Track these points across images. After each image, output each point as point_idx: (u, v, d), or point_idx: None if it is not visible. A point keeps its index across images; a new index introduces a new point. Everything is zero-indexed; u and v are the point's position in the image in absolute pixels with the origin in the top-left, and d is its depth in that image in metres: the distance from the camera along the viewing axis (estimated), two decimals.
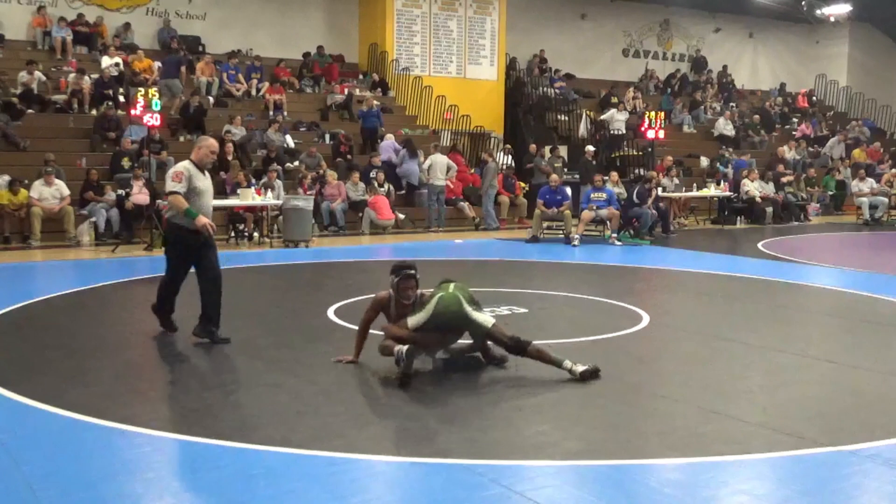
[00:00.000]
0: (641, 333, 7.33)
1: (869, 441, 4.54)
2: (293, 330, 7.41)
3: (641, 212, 15.47)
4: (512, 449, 4.47)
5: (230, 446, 4.40)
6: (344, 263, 12.24)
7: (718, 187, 18.90)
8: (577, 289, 9.64)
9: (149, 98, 14.38)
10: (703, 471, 4.20)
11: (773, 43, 28.81)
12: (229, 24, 20.35)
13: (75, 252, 12.78)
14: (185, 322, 7.07)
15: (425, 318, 5.74)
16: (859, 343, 7.16)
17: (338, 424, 4.78)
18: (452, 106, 20.24)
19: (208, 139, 7.14)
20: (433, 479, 4.08)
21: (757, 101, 27.00)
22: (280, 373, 5.87)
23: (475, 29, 21.95)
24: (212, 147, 6.97)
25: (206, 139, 7.14)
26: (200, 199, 6.73)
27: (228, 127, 16.65)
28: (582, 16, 25.18)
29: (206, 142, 7.04)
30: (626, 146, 20.12)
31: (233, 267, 11.39)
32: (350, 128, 18.51)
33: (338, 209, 15.51)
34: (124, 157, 14.77)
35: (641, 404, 5.36)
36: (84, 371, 5.99)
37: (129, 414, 4.95)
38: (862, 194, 19.55)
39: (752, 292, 9.82)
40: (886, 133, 27.00)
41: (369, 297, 8.60)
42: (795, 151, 22.99)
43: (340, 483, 3.98)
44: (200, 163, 6.88)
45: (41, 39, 18.02)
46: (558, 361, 5.70)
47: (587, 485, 4.01)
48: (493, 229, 16.74)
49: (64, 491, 3.84)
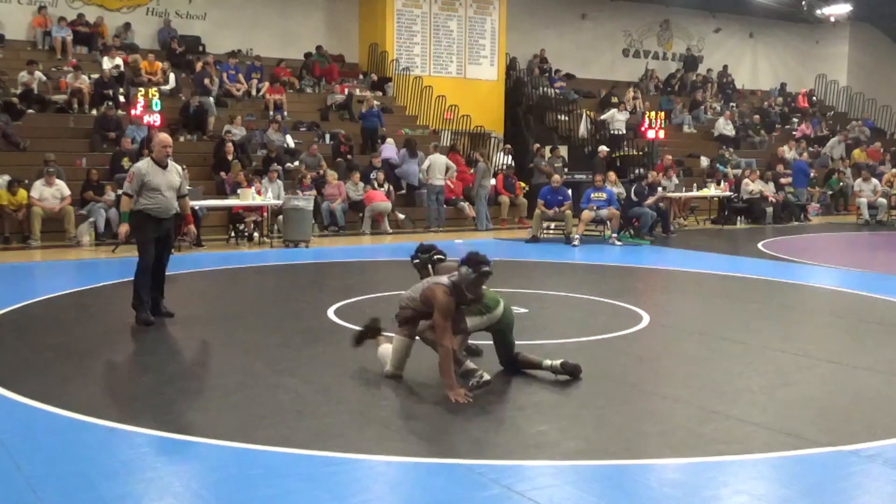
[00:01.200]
0: (641, 333, 7.33)
1: (869, 441, 4.54)
2: (293, 330, 7.41)
3: (641, 212, 15.47)
4: (512, 449, 4.47)
5: (230, 446, 4.40)
6: (344, 263, 12.24)
7: (718, 187, 18.91)
8: (577, 289, 9.64)
9: (149, 98, 14.37)
10: (703, 471, 4.19)
11: (773, 43, 28.81)
12: (229, 24, 20.34)
13: (75, 252, 12.78)
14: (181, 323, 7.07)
15: (487, 324, 5.68)
16: (860, 343, 7.16)
17: (338, 424, 4.78)
18: (452, 106, 20.24)
19: (159, 135, 7.58)
20: (433, 479, 4.08)
21: (757, 101, 27.01)
22: (280, 373, 5.86)
23: (475, 29, 21.95)
24: (162, 143, 7.30)
25: (157, 135, 7.61)
26: (157, 194, 7.10)
27: (228, 127, 16.66)
28: (582, 16, 25.19)
29: (157, 138, 7.45)
30: (627, 146, 20.13)
31: (233, 267, 11.41)
32: (350, 128, 18.51)
33: (338, 209, 15.52)
34: (124, 157, 14.76)
35: (641, 404, 5.36)
36: (84, 371, 5.99)
37: (129, 414, 4.95)
38: (863, 195, 19.54)
39: (752, 292, 9.82)
40: (886, 133, 27.00)
41: (369, 297, 8.68)
42: (795, 151, 22.99)
43: (340, 483, 3.98)
44: (158, 159, 7.22)
45: (41, 39, 18.02)
46: (538, 363, 5.77)
47: (587, 485, 4.00)
48: (482, 230, 16.75)
49: (64, 491, 3.84)
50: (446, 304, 5.32)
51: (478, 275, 5.38)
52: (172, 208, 7.26)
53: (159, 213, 7.21)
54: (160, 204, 7.12)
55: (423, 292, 5.49)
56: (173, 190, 7.27)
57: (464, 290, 5.38)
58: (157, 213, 7.19)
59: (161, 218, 7.23)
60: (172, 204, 7.26)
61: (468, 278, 5.38)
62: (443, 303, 5.31)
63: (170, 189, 7.22)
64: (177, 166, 7.58)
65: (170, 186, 7.23)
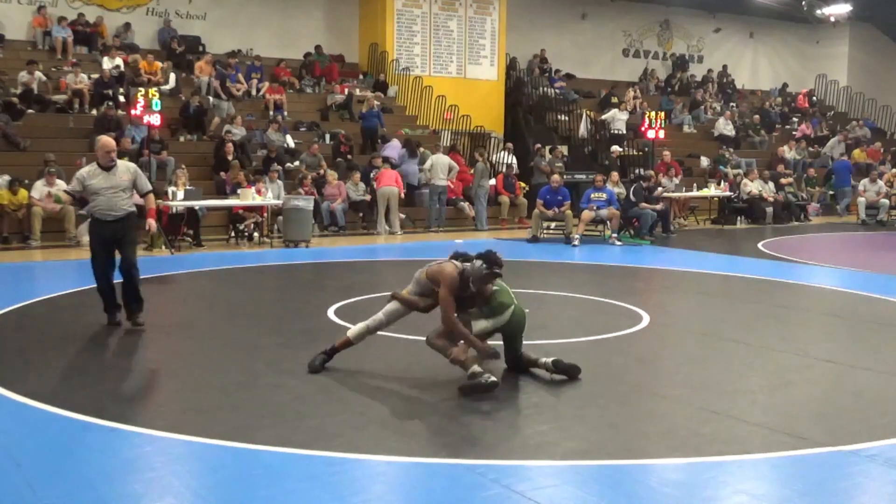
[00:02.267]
0: (641, 333, 7.33)
1: (869, 441, 4.54)
2: (293, 330, 7.40)
3: (641, 212, 15.47)
4: (512, 449, 4.47)
5: (230, 446, 4.40)
6: (344, 263, 12.24)
7: (718, 187, 18.91)
8: (577, 289, 9.64)
9: (149, 98, 14.38)
10: (703, 471, 4.20)
11: (773, 43, 28.80)
12: (229, 24, 20.34)
13: (75, 252, 12.76)
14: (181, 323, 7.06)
15: (494, 327, 5.64)
16: (859, 343, 7.16)
17: (338, 424, 4.78)
18: (452, 106, 20.24)
19: (101, 139, 7.47)
20: (433, 478, 4.08)
21: (757, 101, 27.00)
22: (280, 373, 5.86)
23: (475, 29, 21.95)
24: (104, 147, 7.29)
25: (99, 140, 7.50)
26: (98, 196, 7.18)
27: (228, 127, 16.66)
28: (582, 16, 25.18)
29: (98, 143, 7.41)
30: (627, 146, 20.13)
31: (233, 267, 11.41)
32: (350, 128, 18.51)
33: (338, 209, 15.52)
34: (124, 157, 14.71)
35: (641, 404, 5.36)
36: (84, 371, 5.99)
37: (129, 414, 4.96)
38: (865, 194, 19.52)
39: (752, 292, 9.82)
40: (886, 133, 27.00)
41: (369, 297, 8.67)
42: (795, 151, 22.99)
43: (340, 483, 3.98)
44: (101, 163, 7.27)
45: (41, 39, 18.02)
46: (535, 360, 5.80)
47: (587, 485, 4.01)
48: (480, 229, 16.75)
49: (64, 491, 3.84)
50: (453, 280, 5.41)
51: (489, 272, 5.44)
52: (118, 208, 7.25)
53: (103, 216, 7.25)
54: (100, 205, 7.21)
55: (430, 268, 5.59)
56: (121, 190, 7.27)
57: (469, 281, 5.43)
58: (101, 214, 7.25)
59: (106, 220, 7.25)
60: (117, 204, 7.25)
61: (479, 272, 5.44)
62: (450, 277, 5.42)
63: (114, 190, 7.23)
64: (129, 165, 7.56)
65: (114, 188, 7.23)
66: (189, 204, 13.27)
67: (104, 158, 7.27)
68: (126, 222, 7.33)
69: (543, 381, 5.67)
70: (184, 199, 13.18)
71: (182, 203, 13.18)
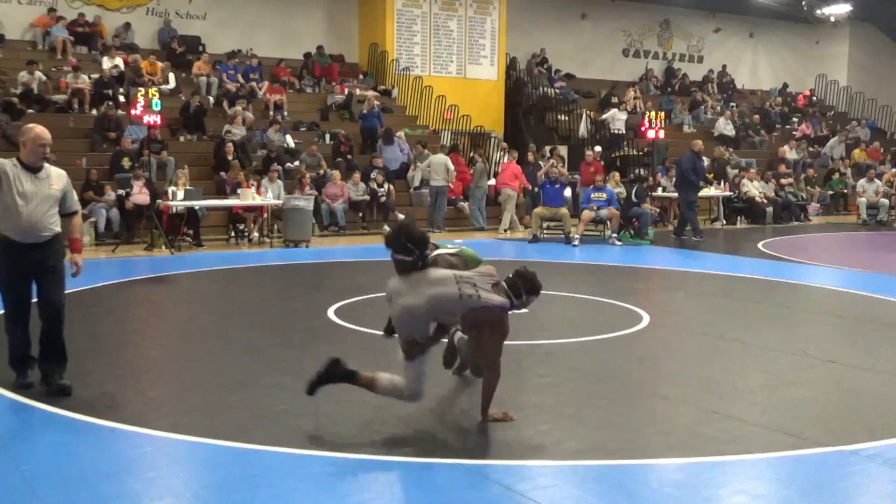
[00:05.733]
0: (641, 333, 7.33)
1: (869, 441, 4.54)
2: (293, 330, 7.41)
3: (641, 212, 15.47)
4: (512, 449, 4.47)
5: (230, 446, 4.40)
6: (344, 263, 12.25)
7: (719, 187, 18.89)
8: (577, 289, 9.64)
9: (149, 98, 14.38)
10: (703, 471, 4.20)
11: (773, 43, 28.79)
12: (229, 24, 20.34)
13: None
14: (181, 324, 7.06)
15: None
16: (859, 343, 7.16)
17: (338, 424, 4.78)
18: (452, 106, 20.24)
19: (34, 129, 5.28)
20: (433, 478, 4.08)
21: (757, 101, 27.00)
22: (280, 373, 5.86)
23: (475, 29, 21.95)
24: (38, 140, 5.23)
25: (31, 129, 5.29)
26: (27, 205, 5.15)
27: (228, 127, 16.66)
28: (582, 16, 25.18)
29: (30, 133, 5.25)
30: (627, 146, 20.12)
31: (233, 267, 11.41)
32: (350, 128, 18.51)
33: (338, 209, 15.52)
34: (124, 157, 14.76)
35: (641, 404, 5.36)
36: (84, 371, 5.98)
37: (129, 414, 4.95)
38: (865, 195, 19.53)
39: (752, 292, 9.82)
40: (886, 133, 26.99)
41: (369, 297, 8.67)
42: (795, 151, 22.98)
43: (340, 483, 3.98)
44: (28, 161, 5.23)
45: (41, 39, 18.02)
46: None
47: (587, 485, 4.01)
48: (477, 229, 16.73)
49: (64, 491, 3.84)
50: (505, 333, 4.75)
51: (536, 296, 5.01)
52: (45, 227, 5.23)
53: (21, 236, 5.18)
54: (18, 221, 5.13)
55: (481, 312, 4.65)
56: (49, 204, 5.26)
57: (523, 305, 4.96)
58: (18, 234, 5.17)
59: (24, 243, 5.20)
60: (42, 221, 5.22)
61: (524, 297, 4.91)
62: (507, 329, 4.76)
63: (40, 201, 5.21)
64: (61, 172, 5.46)
65: (41, 198, 5.22)
66: (189, 204, 13.27)
67: (34, 154, 5.22)
68: (52, 247, 5.33)
69: (543, 381, 5.67)
70: (184, 199, 13.18)
71: (182, 203, 13.18)
